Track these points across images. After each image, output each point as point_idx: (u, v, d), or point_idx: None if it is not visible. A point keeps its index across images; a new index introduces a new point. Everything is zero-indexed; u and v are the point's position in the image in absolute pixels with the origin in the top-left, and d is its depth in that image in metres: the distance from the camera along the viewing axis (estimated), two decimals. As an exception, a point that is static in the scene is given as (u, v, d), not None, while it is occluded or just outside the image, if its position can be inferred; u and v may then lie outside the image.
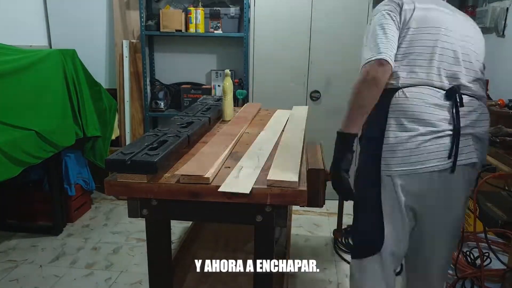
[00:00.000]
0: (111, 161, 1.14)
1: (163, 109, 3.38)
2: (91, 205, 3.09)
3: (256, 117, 2.12)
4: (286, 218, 1.15)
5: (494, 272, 1.65)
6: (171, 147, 1.26)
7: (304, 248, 2.54)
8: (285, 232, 2.20)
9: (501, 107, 1.76)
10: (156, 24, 3.18)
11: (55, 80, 2.46)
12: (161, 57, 3.52)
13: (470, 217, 1.97)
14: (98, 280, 2.17)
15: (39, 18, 3.30)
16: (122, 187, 1.14)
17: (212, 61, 3.49)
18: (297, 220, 2.90)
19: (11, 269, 2.25)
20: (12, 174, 2.03)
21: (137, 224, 2.77)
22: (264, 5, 2.94)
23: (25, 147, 2.10)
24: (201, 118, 1.70)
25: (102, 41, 3.40)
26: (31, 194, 2.70)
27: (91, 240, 2.59)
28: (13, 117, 2.08)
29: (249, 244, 2.03)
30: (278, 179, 1.11)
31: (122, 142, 3.32)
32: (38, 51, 2.43)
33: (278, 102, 2.51)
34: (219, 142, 1.48)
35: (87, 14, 3.34)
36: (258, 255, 1.22)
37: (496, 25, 2.74)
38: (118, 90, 3.30)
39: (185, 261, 1.88)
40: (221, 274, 1.78)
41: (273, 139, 1.59)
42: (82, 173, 2.87)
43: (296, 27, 2.97)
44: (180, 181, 1.13)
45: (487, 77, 2.63)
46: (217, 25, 3.19)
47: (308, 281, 2.18)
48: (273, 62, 3.01)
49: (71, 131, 2.54)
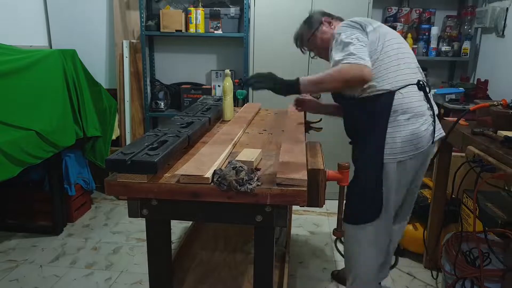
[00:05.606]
0: (111, 161, 1.14)
1: (163, 109, 3.39)
2: (91, 205, 3.09)
3: (256, 117, 2.12)
4: (286, 218, 1.15)
5: (494, 272, 1.65)
6: (171, 147, 1.26)
7: (304, 248, 2.54)
8: (285, 232, 2.20)
9: (504, 107, 1.76)
10: (156, 24, 3.18)
11: (55, 80, 2.45)
12: (161, 57, 3.52)
13: (470, 217, 1.97)
14: (98, 280, 2.17)
15: (39, 18, 3.30)
16: (122, 187, 1.14)
17: (212, 61, 3.50)
18: (297, 220, 2.90)
19: (11, 269, 2.25)
20: (12, 174, 2.03)
21: (137, 224, 2.78)
22: (264, 5, 2.94)
23: (25, 147, 2.10)
24: (201, 118, 1.70)
25: (102, 41, 3.40)
26: (31, 194, 2.70)
27: (91, 240, 2.59)
28: (13, 117, 2.08)
29: (249, 244, 2.03)
30: (287, 176, 1.12)
31: (122, 142, 3.32)
32: (38, 51, 2.43)
33: (278, 102, 2.50)
34: (219, 142, 1.48)
35: (87, 14, 3.34)
36: (258, 255, 1.22)
37: (496, 25, 2.74)
38: (118, 90, 3.30)
39: (185, 261, 1.88)
40: (221, 274, 1.79)
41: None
42: (82, 173, 2.87)
43: (296, 27, 2.96)
44: (180, 181, 1.13)
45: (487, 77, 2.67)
46: (217, 25, 3.20)
47: (308, 281, 2.18)
48: (273, 62, 3.01)
49: (71, 131, 2.54)
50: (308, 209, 3.02)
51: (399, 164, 1.55)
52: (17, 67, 2.20)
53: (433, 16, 3.23)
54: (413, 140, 1.52)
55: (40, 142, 2.23)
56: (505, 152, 1.45)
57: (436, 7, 3.24)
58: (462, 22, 3.21)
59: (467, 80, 3.02)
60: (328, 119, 2.06)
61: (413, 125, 1.51)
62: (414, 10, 3.24)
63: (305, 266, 2.34)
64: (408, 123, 1.51)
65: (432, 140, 1.56)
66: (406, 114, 1.51)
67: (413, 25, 3.23)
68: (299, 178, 1.12)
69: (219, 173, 1.12)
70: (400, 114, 1.51)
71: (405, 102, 1.51)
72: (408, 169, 1.57)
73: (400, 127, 1.51)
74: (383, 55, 1.53)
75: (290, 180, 1.11)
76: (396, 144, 1.52)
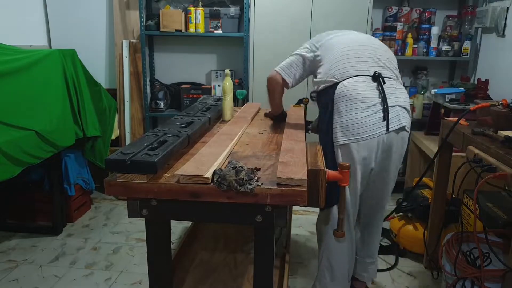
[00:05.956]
0: (111, 161, 1.14)
1: (163, 109, 3.38)
2: (91, 205, 3.09)
3: (256, 117, 2.12)
4: (286, 218, 1.15)
5: (494, 273, 1.65)
6: (171, 147, 1.26)
7: (304, 248, 2.54)
8: (285, 232, 2.20)
9: (504, 107, 1.76)
10: (156, 24, 3.18)
11: (55, 80, 2.45)
12: (161, 57, 3.52)
13: (471, 217, 1.96)
14: (98, 280, 2.17)
15: (39, 18, 3.30)
16: (122, 187, 1.14)
17: (212, 61, 3.49)
18: (297, 220, 2.90)
19: (11, 269, 2.25)
20: (12, 174, 2.03)
21: (137, 224, 2.77)
22: (264, 5, 2.94)
23: (25, 147, 2.10)
24: (201, 118, 1.70)
25: (102, 41, 3.40)
26: (31, 194, 2.70)
27: (91, 240, 2.59)
28: (13, 117, 2.08)
29: (249, 244, 2.03)
30: (288, 176, 1.11)
31: (122, 142, 3.32)
32: (38, 51, 2.43)
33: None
34: (219, 142, 1.48)
35: (87, 14, 3.34)
36: (258, 255, 1.22)
37: (496, 25, 2.74)
38: (118, 90, 3.30)
39: (185, 261, 1.88)
40: (221, 274, 1.79)
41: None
42: (82, 173, 2.87)
43: (296, 27, 2.97)
44: (180, 181, 1.13)
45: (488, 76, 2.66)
46: (217, 25, 3.19)
47: (308, 281, 2.18)
48: (273, 62, 2.99)
49: (71, 131, 2.54)
50: (308, 209, 3.02)
51: (342, 147, 1.65)
52: (17, 67, 2.20)
53: (434, 16, 3.23)
54: (353, 125, 1.61)
55: (40, 142, 2.23)
56: (506, 152, 1.45)
57: (436, 7, 3.24)
58: (462, 22, 3.21)
59: (467, 80, 3.02)
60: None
61: (353, 112, 1.61)
62: (414, 10, 3.24)
63: (305, 266, 2.34)
64: (348, 109, 1.62)
65: (384, 128, 1.62)
66: (346, 101, 1.62)
67: (414, 25, 3.23)
68: (299, 178, 1.11)
69: (219, 173, 1.12)
70: (341, 102, 1.63)
71: (346, 91, 1.63)
72: (354, 154, 1.64)
73: (340, 113, 1.64)
74: (326, 53, 1.73)
75: (290, 180, 1.11)
76: (336, 129, 1.65)
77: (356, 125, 1.62)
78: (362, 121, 1.62)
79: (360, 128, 1.62)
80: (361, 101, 1.62)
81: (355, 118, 1.62)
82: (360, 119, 1.62)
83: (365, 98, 1.62)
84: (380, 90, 1.65)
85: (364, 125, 1.61)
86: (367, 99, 1.63)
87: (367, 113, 1.62)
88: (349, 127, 1.63)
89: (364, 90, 1.64)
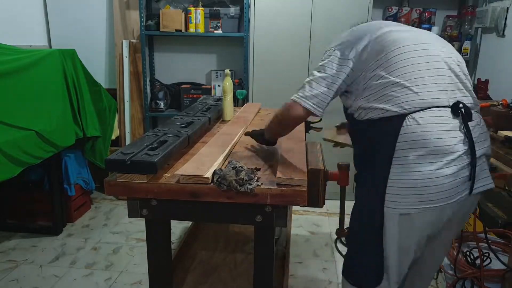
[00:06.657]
0: (111, 161, 1.14)
1: (163, 109, 3.38)
2: (91, 205, 3.09)
3: (256, 117, 2.12)
4: (286, 218, 1.15)
5: (494, 272, 1.65)
6: (171, 147, 1.26)
7: (304, 248, 2.54)
8: (285, 232, 2.20)
9: (504, 107, 1.76)
10: (156, 24, 3.18)
11: (55, 80, 2.45)
12: (161, 57, 3.51)
13: (470, 217, 1.97)
14: (98, 280, 2.17)
15: (39, 18, 3.30)
16: (122, 187, 1.14)
17: (212, 61, 3.49)
18: (297, 220, 2.90)
19: (11, 269, 2.25)
20: (12, 174, 2.03)
21: (137, 224, 2.77)
22: (264, 5, 2.94)
23: (25, 147, 2.10)
24: (201, 118, 1.70)
25: (102, 41, 3.39)
26: (31, 194, 2.70)
27: (91, 240, 2.59)
28: (13, 117, 2.08)
29: (249, 244, 2.03)
30: (287, 176, 1.12)
31: (122, 142, 3.32)
32: (38, 51, 2.43)
33: (278, 102, 2.50)
34: (219, 142, 1.48)
35: (87, 14, 3.33)
36: (258, 255, 1.22)
37: (496, 25, 2.74)
38: (118, 90, 3.30)
39: (185, 261, 1.88)
40: (221, 274, 1.79)
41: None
42: (82, 173, 2.87)
43: (296, 27, 2.97)
44: (180, 181, 1.13)
45: (488, 77, 2.64)
46: (217, 25, 3.19)
47: (308, 281, 2.18)
48: (273, 62, 3.01)
49: (71, 131, 2.54)
50: (308, 209, 3.02)
51: (403, 217, 1.14)
52: (17, 67, 2.19)
53: (434, 16, 3.23)
54: (425, 187, 1.09)
55: (40, 142, 2.23)
56: (506, 152, 1.45)
57: (436, 7, 3.23)
58: (462, 22, 3.21)
59: (467, 80, 3.01)
60: (329, 119, 2.06)
61: (429, 166, 1.08)
62: (414, 10, 3.23)
63: (305, 266, 2.34)
64: (421, 162, 1.08)
65: (467, 191, 1.12)
66: (419, 149, 1.08)
67: (414, 25, 3.23)
68: (299, 178, 1.12)
69: (219, 173, 1.12)
70: (410, 148, 1.09)
71: (421, 133, 1.08)
72: (416, 226, 1.15)
73: (410, 166, 1.09)
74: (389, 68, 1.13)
75: (290, 180, 1.11)
76: (399, 189, 1.12)
77: (432, 187, 1.09)
78: (442, 183, 1.08)
79: (435, 193, 1.09)
80: (441, 151, 1.08)
81: (432, 177, 1.08)
82: (440, 179, 1.08)
83: (447, 147, 1.08)
84: (465, 132, 1.10)
85: (443, 188, 1.09)
86: (450, 148, 1.08)
87: (448, 170, 1.08)
88: (421, 189, 1.09)
89: (445, 132, 1.09)
